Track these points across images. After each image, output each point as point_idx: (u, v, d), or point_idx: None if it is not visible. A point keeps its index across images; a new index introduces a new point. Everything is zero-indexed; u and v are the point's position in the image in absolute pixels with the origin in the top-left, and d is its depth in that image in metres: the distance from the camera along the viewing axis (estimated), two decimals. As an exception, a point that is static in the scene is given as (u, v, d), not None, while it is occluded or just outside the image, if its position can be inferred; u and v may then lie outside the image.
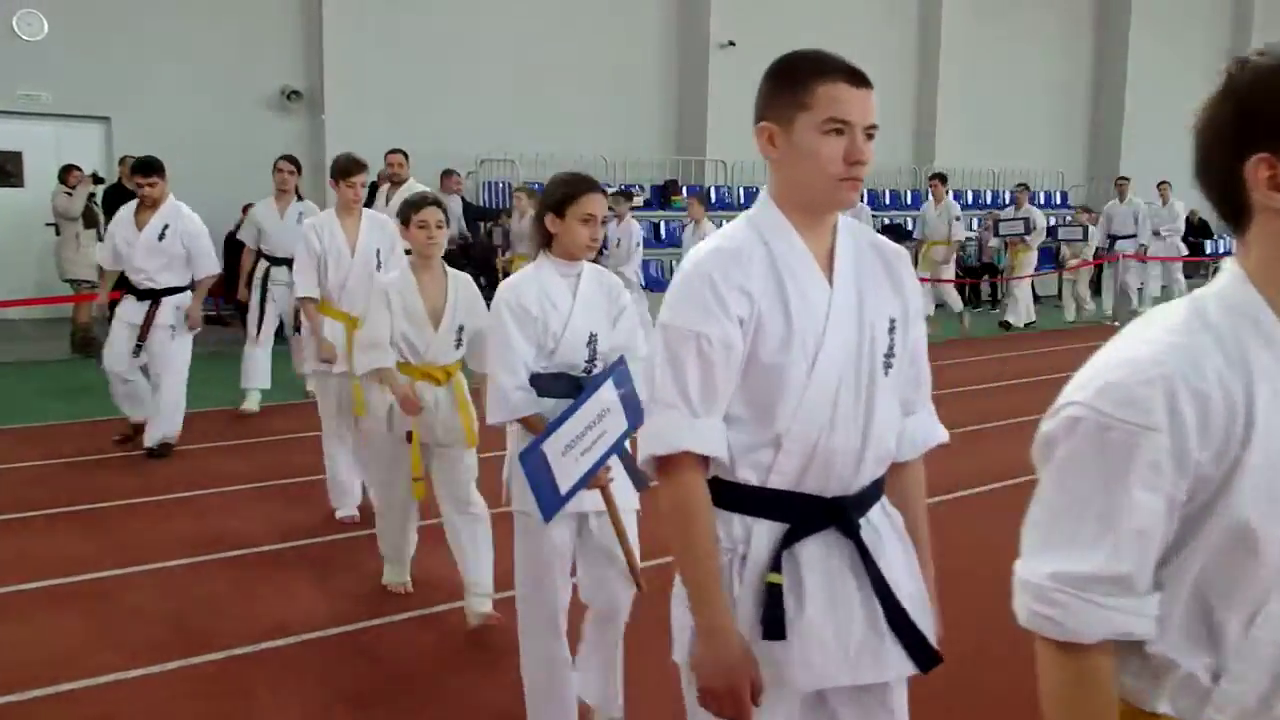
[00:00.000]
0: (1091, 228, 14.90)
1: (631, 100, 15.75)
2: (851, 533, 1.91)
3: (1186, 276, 19.79)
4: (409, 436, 4.10)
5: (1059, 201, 20.32)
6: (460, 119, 14.04)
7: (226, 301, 11.58)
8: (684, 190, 14.79)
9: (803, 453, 1.87)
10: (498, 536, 4.04)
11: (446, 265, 4.24)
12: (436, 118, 13.87)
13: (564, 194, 3.08)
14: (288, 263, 6.80)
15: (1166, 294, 14.95)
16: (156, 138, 11.92)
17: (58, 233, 10.68)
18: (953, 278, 13.81)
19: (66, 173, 10.63)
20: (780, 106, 1.85)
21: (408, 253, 4.31)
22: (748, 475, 1.89)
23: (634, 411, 3.00)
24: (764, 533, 1.89)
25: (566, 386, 3.10)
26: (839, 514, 1.91)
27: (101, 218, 10.71)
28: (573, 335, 3.12)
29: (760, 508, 1.90)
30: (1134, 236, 14.76)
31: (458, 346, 4.15)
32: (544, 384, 3.10)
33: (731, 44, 16.02)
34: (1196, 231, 21.05)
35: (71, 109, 12.06)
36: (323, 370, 5.36)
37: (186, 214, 6.67)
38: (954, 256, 13.72)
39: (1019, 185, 15.02)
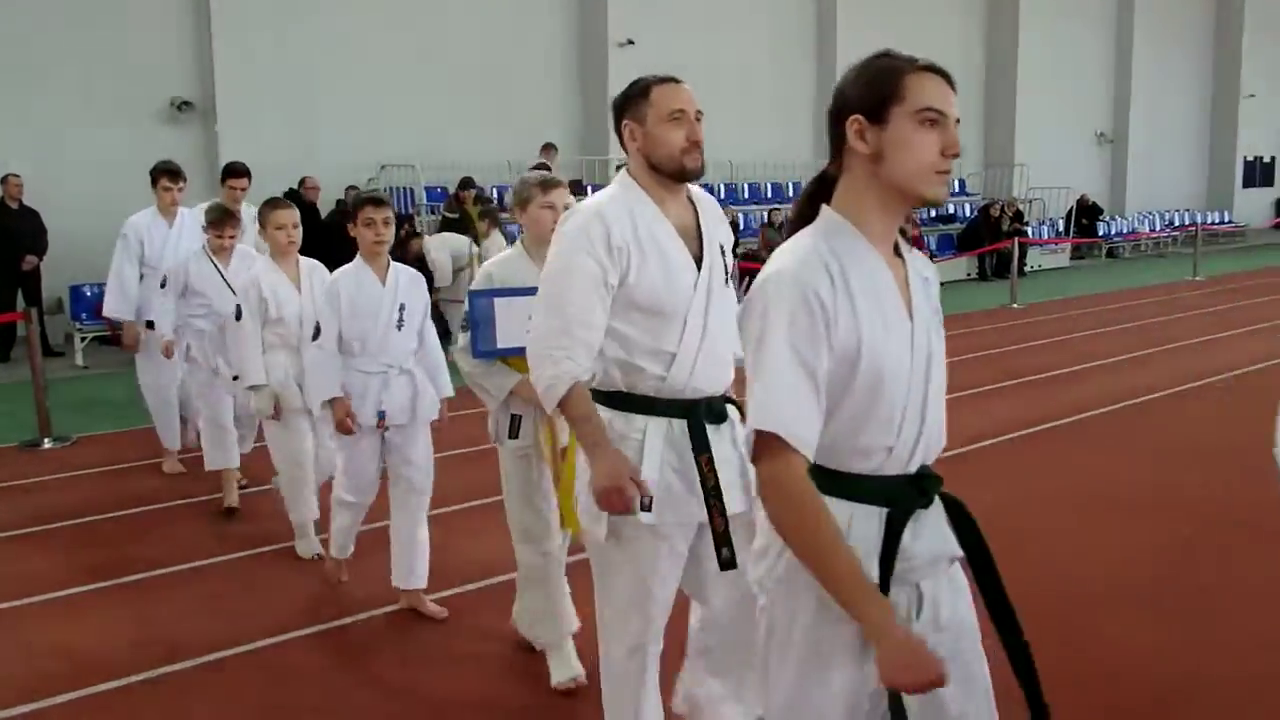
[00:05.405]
0: None
1: (533, 102, 15.71)
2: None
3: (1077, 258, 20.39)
4: None
5: (956, 189, 20.81)
6: (359, 124, 13.87)
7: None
8: (589, 190, 14.79)
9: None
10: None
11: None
12: (335, 124, 13.68)
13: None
14: None
15: None
16: (42, 153, 11.59)
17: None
18: None
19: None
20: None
21: None
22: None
23: None
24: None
25: None
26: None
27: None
28: None
29: None
30: None
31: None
32: None
33: (630, 42, 16.08)
34: (1087, 213, 21.74)
35: (-51, 126, 11.61)
36: None
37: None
38: None
39: None
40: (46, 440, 7.40)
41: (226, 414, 5.84)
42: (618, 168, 10.68)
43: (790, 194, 17.41)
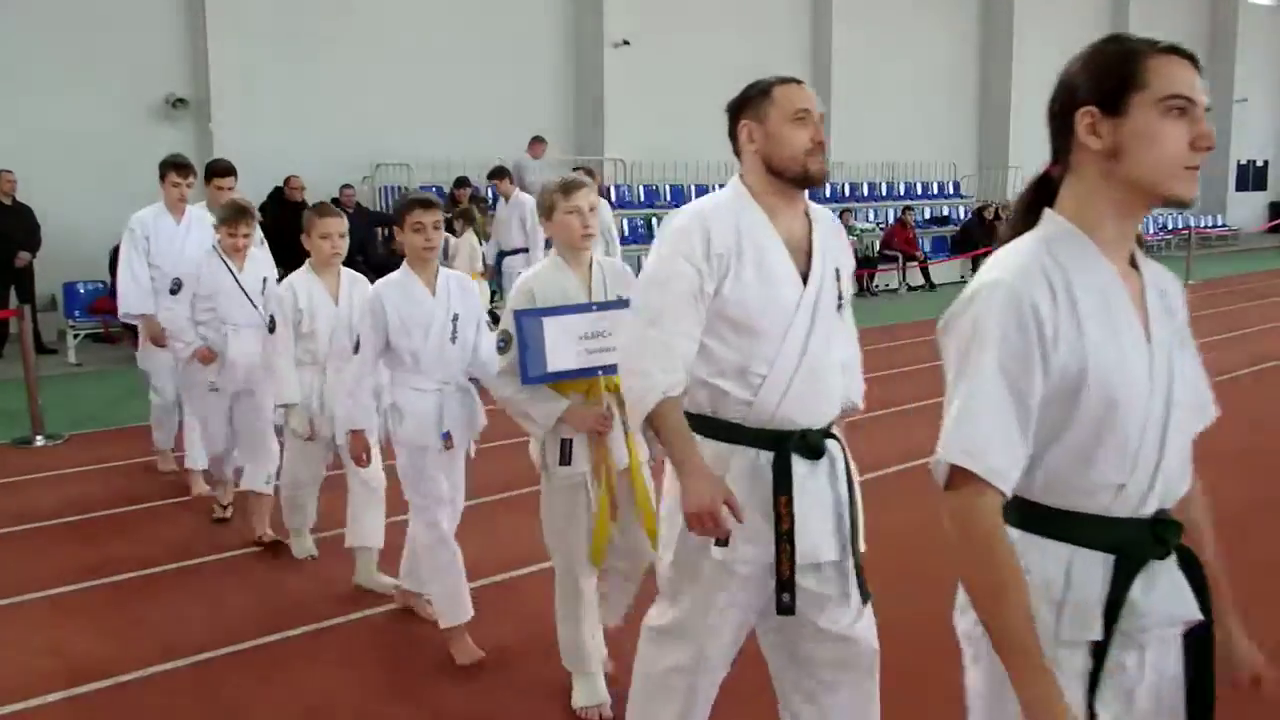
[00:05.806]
0: None
1: (528, 101, 15.69)
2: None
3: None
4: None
5: (951, 191, 20.84)
6: (353, 123, 13.83)
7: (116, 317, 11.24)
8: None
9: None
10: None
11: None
12: (328, 122, 13.64)
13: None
14: None
15: None
16: (35, 150, 11.55)
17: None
18: None
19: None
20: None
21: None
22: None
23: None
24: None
25: None
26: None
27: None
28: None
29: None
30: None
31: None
32: None
33: (626, 43, 16.10)
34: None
35: (-57, 120, 11.57)
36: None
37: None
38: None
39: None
40: (39, 438, 7.38)
41: (217, 433, 5.50)
42: (575, 169, 10.37)
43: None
